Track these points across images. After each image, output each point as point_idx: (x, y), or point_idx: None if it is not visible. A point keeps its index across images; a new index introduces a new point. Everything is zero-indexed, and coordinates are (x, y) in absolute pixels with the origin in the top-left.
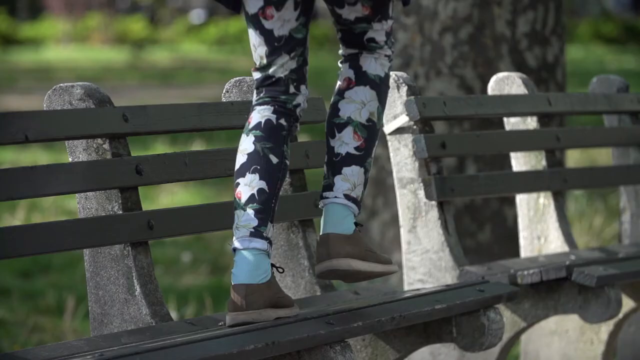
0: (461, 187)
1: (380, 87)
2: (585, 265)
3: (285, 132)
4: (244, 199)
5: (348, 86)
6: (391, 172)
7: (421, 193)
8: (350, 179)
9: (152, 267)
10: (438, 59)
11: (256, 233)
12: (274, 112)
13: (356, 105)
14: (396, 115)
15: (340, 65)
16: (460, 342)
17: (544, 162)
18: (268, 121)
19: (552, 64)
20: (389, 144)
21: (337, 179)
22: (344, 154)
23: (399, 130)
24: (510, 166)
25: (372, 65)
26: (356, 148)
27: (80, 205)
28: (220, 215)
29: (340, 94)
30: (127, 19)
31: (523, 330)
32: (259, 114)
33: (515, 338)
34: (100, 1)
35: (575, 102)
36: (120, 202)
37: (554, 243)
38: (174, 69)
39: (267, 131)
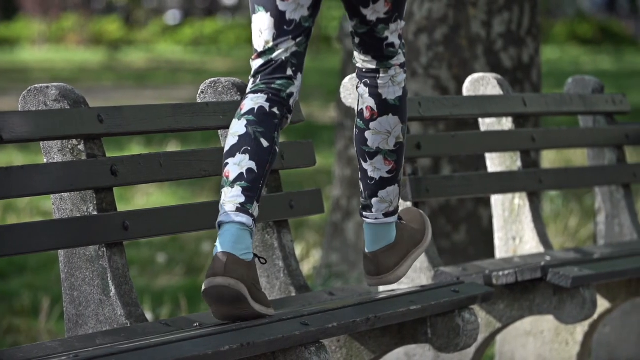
0: (436, 187)
1: (401, 110)
2: (560, 266)
3: (277, 120)
4: (232, 177)
5: (371, 117)
6: None
7: None
8: (386, 199)
9: (127, 268)
10: (413, 59)
11: (242, 209)
12: (267, 100)
13: (382, 136)
14: None
15: (357, 79)
16: (435, 343)
17: (519, 163)
18: (261, 108)
19: (528, 65)
20: None
21: (375, 202)
22: (377, 179)
23: None
24: (485, 167)
25: (390, 90)
26: (388, 172)
27: (56, 206)
28: (196, 216)
29: (365, 123)
30: (102, 19)
31: (498, 331)
32: (252, 101)
33: (490, 339)
34: (75, 2)
35: (550, 102)
36: (95, 203)
37: (529, 244)
38: (149, 70)
39: (259, 117)
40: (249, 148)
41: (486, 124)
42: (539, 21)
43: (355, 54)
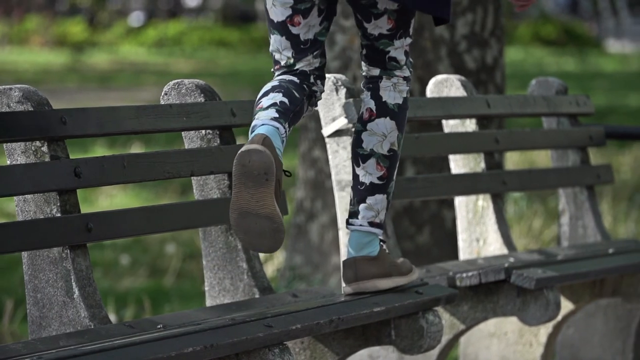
0: (400, 189)
1: (399, 115)
2: (524, 267)
3: (306, 92)
4: (265, 105)
5: (370, 118)
6: (330, 175)
7: None
8: (374, 207)
9: (90, 269)
10: None
11: (276, 120)
12: (297, 77)
13: (378, 137)
14: (335, 117)
15: (362, 88)
16: (399, 344)
17: (482, 165)
18: (292, 79)
19: (491, 66)
20: (328, 146)
21: (362, 208)
22: (367, 184)
23: (337, 133)
24: (449, 168)
25: (391, 94)
26: (379, 177)
27: (19, 207)
28: (159, 218)
29: (363, 124)
30: (66, 21)
31: (462, 332)
32: (282, 76)
33: (454, 340)
34: (38, 3)
35: (514, 104)
36: (58, 204)
37: (493, 245)
38: (113, 72)
39: (291, 81)
40: (282, 90)
41: (450, 125)
42: (503, 22)
43: (362, 64)
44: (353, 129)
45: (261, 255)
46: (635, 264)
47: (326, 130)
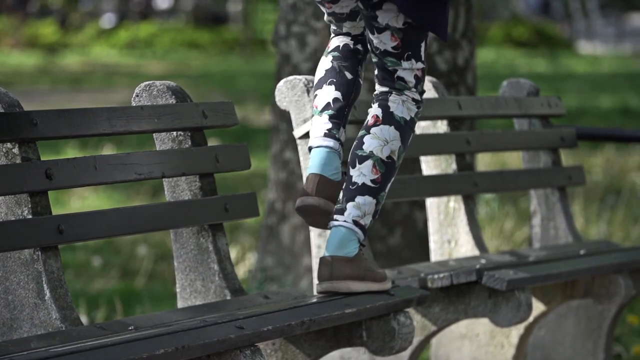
0: None
1: (405, 129)
2: (495, 269)
3: (361, 56)
4: (320, 107)
5: (375, 123)
6: (301, 176)
7: None
8: (362, 207)
9: (62, 271)
10: None
11: (329, 134)
12: (351, 39)
13: (379, 141)
14: (306, 119)
15: (372, 104)
16: (371, 346)
17: (454, 166)
18: (346, 45)
19: (463, 68)
20: (299, 148)
21: (350, 205)
22: (360, 184)
23: (308, 135)
24: (420, 170)
25: (399, 107)
26: (372, 181)
27: None
28: (131, 219)
29: (367, 129)
30: (38, 23)
31: (433, 334)
32: (338, 39)
33: (425, 342)
34: (8, 5)
35: (485, 105)
36: (29, 206)
37: (465, 247)
38: (84, 73)
39: (344, 53)
40: (335, 80)
41: (421, 126)
42: (474, 24)
43: (376, 82)
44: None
45: (232, 256)
46: (607, 265)
47: (297, 132)
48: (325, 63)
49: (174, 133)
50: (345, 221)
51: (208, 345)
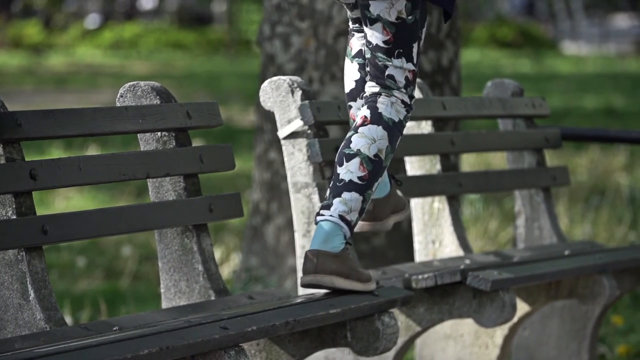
0: None
1: (393, 130)
2: (480, 269)
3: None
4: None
5: (363, 123)
6: (286, 177)
7: (315, 197)
8: (348, 203)
9: (46, 272)
10: (332, 63)
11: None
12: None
13: (367, 140)
14: (290, 119)
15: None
16: (355, 346)
17: (438, 167)
18: None
19: (447, 68)
20: (283, 148)
21: (336, 201)
22: (347, 180)
23: (293, 135)
24: (404, 170)
25: (388, 109)
26: (359, 178)
27: None
28: (115, 220)
29: (355, 129)
30: (22, 23)
31: (418, 334)
32: (359, 41)
33: (410, 342)
34: None
35: (470, 106)
36: (14, 207)
37: (449, 247)
38: (69, 74)
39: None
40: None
41: (405, 127)
42: (459, 24)
43: (367, 81)
44: (309, 131)
45: (217, 257)
46: (591, 265)
47: (282, 132)
48: (353, 72)
49: (159, 133)
50: (331, 215)
51: (192, 345)
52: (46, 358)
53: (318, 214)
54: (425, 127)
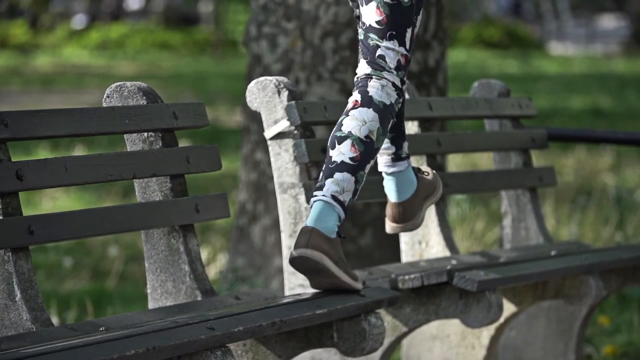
0: None
1: (384, 113)
2: (466, 269)
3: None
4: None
5: (353, 106)
6: (272, 177)
7: (302, 198)
8: (340, 183)
9: (32, 272)
10: (319, 63)
11: (396, 158)
12: None
13: (358, 122)
14: (277, 120)
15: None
16: (342, 346)
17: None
18: None
19: (434, 69)
20: (270, 149)
21: (328, 182)
22: (339, 162)
23: (279, 135)
24: None
25: (378, 92)
26: (351, 158)
27: None
28: (101, 220)
29: (347, 113)
30: (8, 23)
31: (404, 335)
32: None
33: (396, 343)
34: None
35: (456, 106)
36: (0, 207)
37: (435, 248)
38: (55, 74)
39: None
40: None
41: None
42: (445, 25)
43: (358, 64)
44: (295, 132)
45: (203, 257)
46: (578, 265)
47: (268, 133)
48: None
49: (145, 134)
50: (323, 195)
51: (179, 346)
52: (33, 359)
53: (312, 196)
54: (412, 127)
